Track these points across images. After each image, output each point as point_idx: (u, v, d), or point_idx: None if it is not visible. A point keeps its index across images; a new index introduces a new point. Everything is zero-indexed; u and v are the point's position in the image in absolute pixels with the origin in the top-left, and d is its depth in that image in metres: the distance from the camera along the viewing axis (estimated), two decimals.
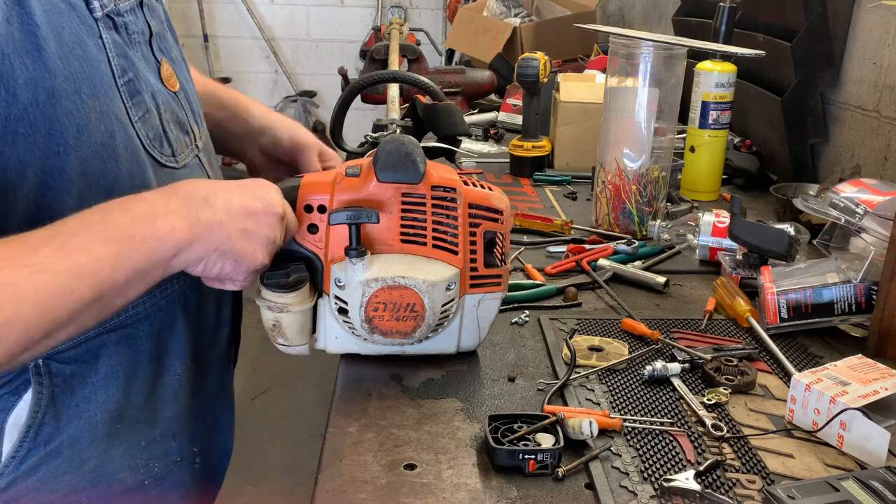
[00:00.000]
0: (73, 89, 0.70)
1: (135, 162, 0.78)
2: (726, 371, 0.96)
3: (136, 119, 0.79)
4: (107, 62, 0.75)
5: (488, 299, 0.96)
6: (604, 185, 1.48)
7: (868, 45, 1.56)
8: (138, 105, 0.79)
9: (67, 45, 0.70)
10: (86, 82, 0.72)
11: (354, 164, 0.91)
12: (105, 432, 0.82)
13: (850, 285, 1.06)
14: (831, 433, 0.83)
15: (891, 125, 1.49)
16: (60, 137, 0.70)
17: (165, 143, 0.84)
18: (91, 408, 0.80)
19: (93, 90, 0.72)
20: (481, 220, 0.92)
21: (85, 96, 0.71)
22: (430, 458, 0.81)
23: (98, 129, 0.73)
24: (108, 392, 0.81)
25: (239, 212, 0.75)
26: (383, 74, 1.73)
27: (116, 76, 0.76)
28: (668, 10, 2.73)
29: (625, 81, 1.47)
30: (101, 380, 0.80)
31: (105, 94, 0.74)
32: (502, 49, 2.80)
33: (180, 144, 0.88)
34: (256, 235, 0.76)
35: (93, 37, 0.74)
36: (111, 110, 0.75)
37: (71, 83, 0.70)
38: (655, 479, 0.77)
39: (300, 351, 0.93)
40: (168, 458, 0.90)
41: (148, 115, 0.81)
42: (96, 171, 0.74)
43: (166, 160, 0.84)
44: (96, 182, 0.74)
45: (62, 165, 0.70)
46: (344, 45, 5.69)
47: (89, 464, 0.82)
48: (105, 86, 0.74)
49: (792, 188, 1.60)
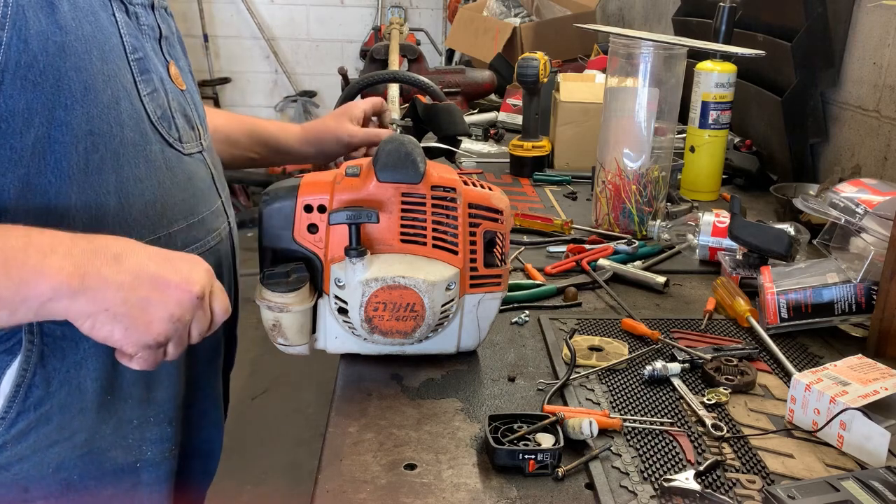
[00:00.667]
0: (83, 49, 0.74)
1: (139, 133, 0.81)
2: (726, 371, 0.96)
3: (145, 93, 0.82)
4: (118, 36, 0.80)
5: (488, 299, 0.96)
6: (604, 185, 1.48)
7: (868, 45, 1.56)
8: (147, 81, 0.83)
9: (81, 9, 0.75)
10: (96, 46, 0.76)
11: (354, 164, 0.91)
12: (95, 402, 0.82)
13: (850, 285, 1.06)
14: (831, 433, 0.83)
15: (891, 125, 1.49)
16: (68, 91, 0.73)
17: (173, 126, 0.87)
18: (81, 374, 0.80)
19: (102, 55, 0.76)
20: (481, 219, 0.92)
21: (94, 58, 0.75)
22: (430, 458, 0.81)
23: (105, 92, 0.76)
24: (98, 360, 0.81)
25: (147, 279, 0.70)
26: (383, 74, 1.73)
27: (127, 51, 0.81)
28: (668, 10, 2.73)
29: (625, 81, 1.47)
30: (93, 346, 0.80)
31: (114, 62, 0.78)
32: (502, 49, 2.80)
33: (186, 134, 0.90)
34: (158, 308, 0.71)
35: (106, 11, 0.79)
36: (118, 78, 0.78)
37: (82, 43, 0.74)
38: (655, 479, 0.77)
39: (300, 351, 0.93)
40: (163, 444, 0.89)
41: (156, 94, 0.84)
42: (102, 132, 0.76)
43: (173, 141, 0.87)
44: (103, 144, 0.76)
45: (69, 119, 0.73)
46: (344, 45, 5.69)
47: (79, 436, 0.82)
48: (115, 55, 0.78)
49: (792, 188, 1.60)
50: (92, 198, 0.77)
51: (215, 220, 0.95)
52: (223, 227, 0.98)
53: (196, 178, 0.91)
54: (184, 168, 0.89)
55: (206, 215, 0.93)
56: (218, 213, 0.96)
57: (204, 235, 0.92)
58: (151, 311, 0.70)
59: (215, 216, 0.95)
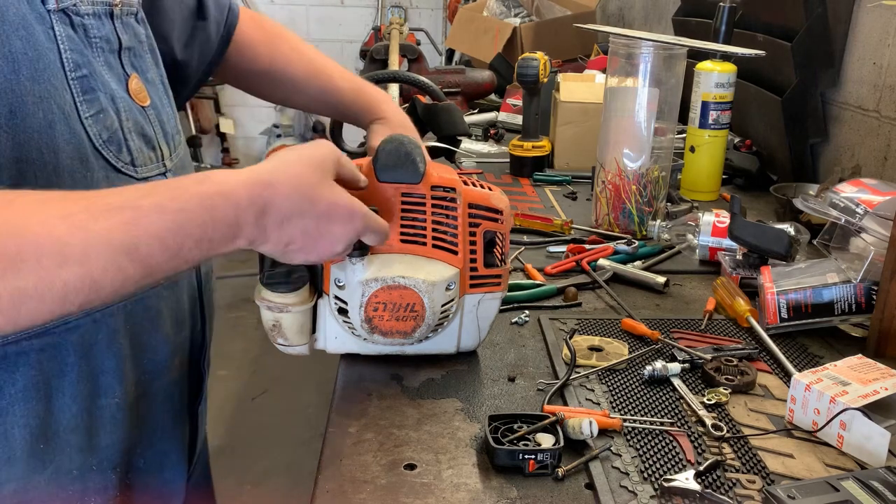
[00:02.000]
0: (10, 69, 0.68)
1: (78, 159, 0.74)
2: (726, 371, 0.96)
3: (87, 115, 0.75)
4: (57, 52, 0.73)
5: (488, 299, 0.96)
6: (604, 185, 1.48)
7: (868, 45, 1.56)
8: (91, 102, 0.76)
9: (11, 24, 0.68)
10: (26, 64, 0.69)
11: (354, 163, 0.91)
12: (25, 451, 0.75)
13: (850, 285, 1.06)
14: (831, 433, 0.83)
15: (891, 125, 1.49)
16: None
17: (125, 149, 0.80)
18: (8, 421, 0.73)
19: (33, 74, 0.70)
20: (481, 220, 0.92)
21: (23, 77, 0.69)
22: (430, 458, 0.81)
23: (35, 115, 0.70)
24: (27, 405, 0.74)
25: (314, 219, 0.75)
26: (383, 74, 1.73)
27: (67, 69, 0.74)
28: (668, 10, 2.73)
29: (625, 81, 1.47)
30: (20, 392, 0.73)
31: (48, 81, 0.71)
32: (502, 49, 2.80)
33: (142, 156, 0.83)
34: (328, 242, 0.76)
35: (43, 25, 0.72)
36: (53, 98, 0.72)
37: (9, 62, 0.68)
38: (655, 479, 0.77)
39: (300, 351, 0.93)
40: (107, 492, 0.82)
41: (103, 115, 0.77)
42: (31, 159, 0.70)
43: (123, 166, 0.80)
44: (32, 172, 0.70)
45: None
46: (344, 45, 5.69)
47: (7, 487, 0.75)
48: (49, 73, 0.71)
49: (792, 188, 1.60)
50: None
51: None
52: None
53: None
54: None
55: None
56: None
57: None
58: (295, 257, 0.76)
59: None
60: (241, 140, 6.01)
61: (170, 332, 0.88)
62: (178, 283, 0.90)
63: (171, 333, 0.89)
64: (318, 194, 0.74)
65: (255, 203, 0.69)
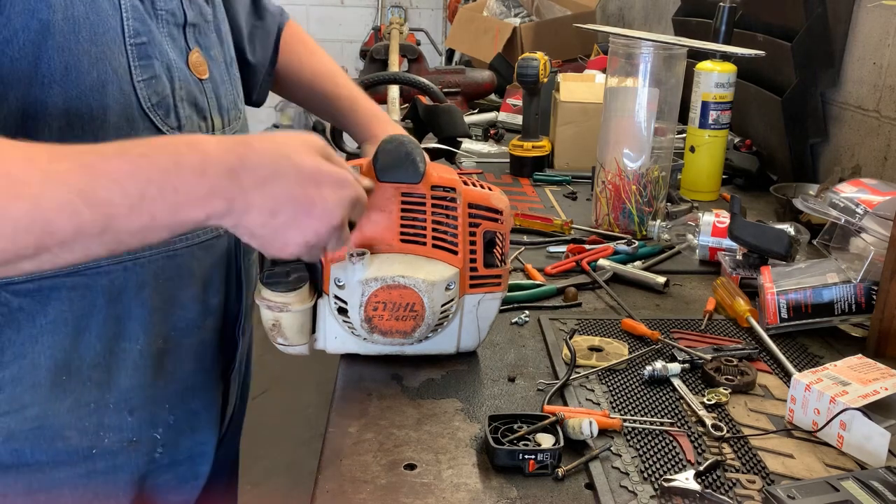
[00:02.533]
0: (70, 29, 0.71)
1: (125, 118, 0.77)
2: (726, 371, 0.96)
3: (140, 79, 0.79)
4: (119, 19, 0.76)
5: (488, 299, 0.96)
6: (604, 185, 1.48)
7: (868, 45, 1.56)
8: (145, 68, 0.79)
9: None
10: (86, 27, 0.73)
11: (354, 163, 0.91)
12: (49, 379, 0.80)
13: (850, 285, 1.06)
14: (831, 433, 0.83)
15: (891, 125, 1.49)
16: (47, 69, 0.71)
17: (173, 114, 0.83)
18: (36, 349, 0.78)
19: (92, 36, 0.73)
20: (481, 220, 0.92)
21: (82, 38, 0.72)
22: (430, 458, 0.81)
23: (89, 73, 0.73)
24: (55, 337, 0.79)
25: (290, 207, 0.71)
26: (384, 76, 1.73)
27: (127, 35, 0.77)
28: (668, 10, 2.73)
29: (625, 81, 1.47)
30: (50, 323, 0.78)
31: (106, 45, 0.75)
32: (502, 49, 2.80)
33: (191, 123, 0.86)
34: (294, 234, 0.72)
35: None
36: (108, 60, 0.75)
37: (70, 23, 0.71)
38: (655, 479, 0.77)
39: (300, 351, 0.93)
40: (121, 433, 0.86)
41: (155, 81, 0.81)
42: (80, 114, 0.73)
43: (168, 130, 0.82)
44: (80, 125, 0.73)
45: (44, 97, 0.71)
46: (344, 45, 5.69)
47: (31, 410, 0.80)
48: (108, 38, 0.75)
49: (792, 188, 1.60)
50: None
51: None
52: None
53: None
54: None
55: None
56: None
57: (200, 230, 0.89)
58: (288, 235, 0.71)
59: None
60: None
61: (200, 293, 0.91)
62: (214, 246, 0.92)
63: (201, 295, 0.91)
64: (301, 158, 0.71)
65: (226, 156, 0.67)
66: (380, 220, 0.88)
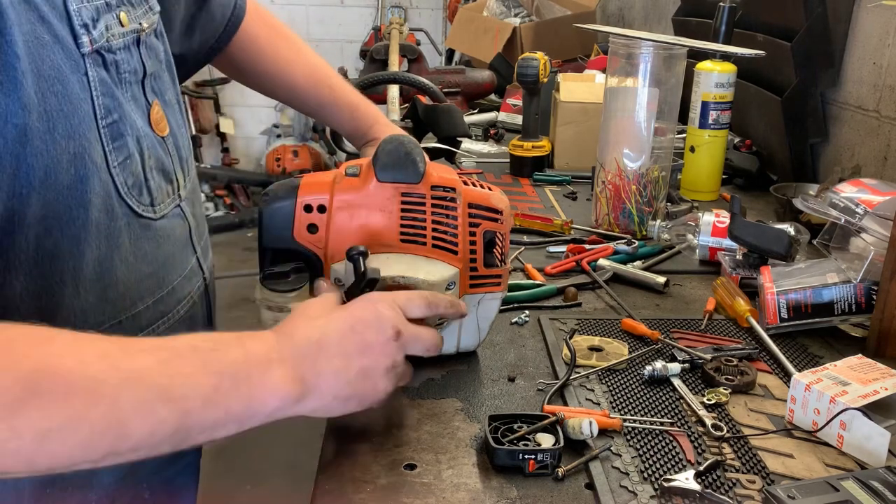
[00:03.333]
0: (46, 128, 0.64)
1: (105, 211, 0.72)
2: (726, 371, 0.96)
3: (115, 164, 0.73)
4: (90, 101, 0.69)
5: (488, 299, 0.96)
6: (604, 185, 1.48)
7: (868, 45, 1.56)
8: (119, 149, 0.73)
9: (47, 79, 0.64)
10: (61, 121, 0.66)
11: (354, 163, 0.91)
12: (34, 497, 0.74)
13: (850, 285, 1.06)
14: (831, 433, 0.83)
15: (891, 125, 1.49)
16: (25, 179, 0.63)
17: (145, 191, 0.78)
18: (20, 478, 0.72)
19: (68, 130, 0.67)
20: (481, 219, 0.92)
21: (58, 136, 0.65)
22: (430, 458, 0.81)
23: (68, 173, 0.67)
24: None
25: (355, 352, 0.70)
26: (383, 76, 1.73)
27: (99, 117, 0.71)
28: (668, 10, 2.73)
29: (625, 81, 1.47)
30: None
31: (83, 136, 0.68)
32: (502, 49, 2.80)
33: (161, 193, 0.81)
34: (375, 371, 0.71)
35: (77, 73, 0.68)
36: (87, 153, 0.69)
37: (45, 121, 0.64)
38: (655, 479, 0.77)
39: None
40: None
41: (129, 161, 0.75)
42: (59, 217, 0.67)
43: (143, 210, 0.78)
44: (58, 228, 0.67)
45: (23, 208, 0.64)
46: (344, 45, 5.69)
47: None
48: (84, 127, 0.68)
49: (792, 188, 1.60)
50: (42, 286, 0.67)
51: (187, 285, 0.88)
52: (197, 287, 0.90)
53: (168, 242, 0.83)
54: (154, 235, 0.80)
55: (178, 282, 0.85)
56: (191, 273, 0.89)
57: (174, 306, 0.85)
58: (372, 376, 0.71)
59: (188, 279, 0.88)
60: (241, 140, 6.01)
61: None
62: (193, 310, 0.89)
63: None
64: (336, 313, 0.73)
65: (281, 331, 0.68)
66: (380, 221, 0.88)
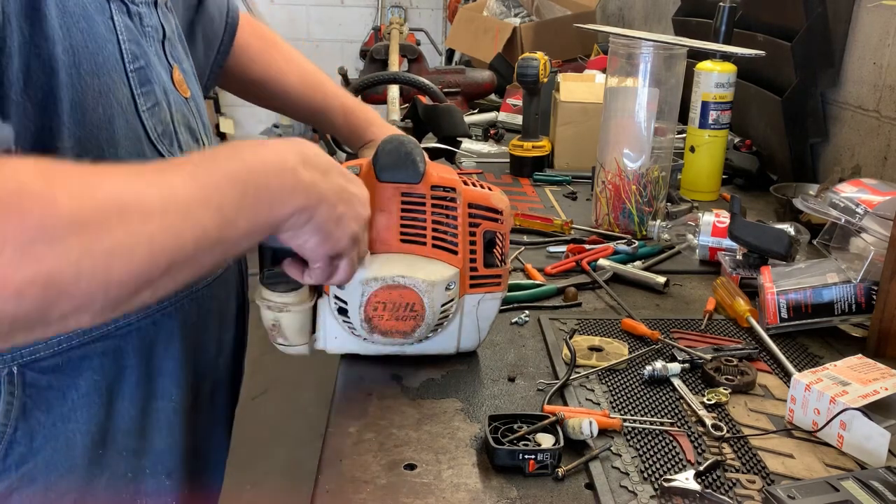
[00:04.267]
0: (71, 62, 0.65)
1: (136, 153, 0.72)
2: (726, 371, 0.96)
3: (144, 109, 0.74)
4: (116, 44, 0.70)
5: (488, 299, 0.96)
6: (604, 185, 1.48)
7: (868, 45, 1.56)
8: (148, 95, 0.74)
9: (71, 15, 0.65)
10: (87, 57, 0.66)
11: (354, 163, 0.91)
12: (86, 458, 0.74)
13: (850, 285, 1.06)
14: (831, 433, 0.83)
15: (891, 125, 1.49)
16: (54, 112, 0.64)
17: (175, 142, 0.79)
18: (70, 428, 0.72)
19: (93, 68, 0.67)
20: (481, 219, 0.92)
21: (84, 72, 0.66)
22: (430, 458, 0.81)
23: (95, 110, 0.67)
24: (89, 411, 0.73)
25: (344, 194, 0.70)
26: (383, 76, 1.73)
27: (126, 61, 0.71)
28: (668, 10, 2.73)
29: (625, 81, 1.46)
30: (83, 396, 0.73)
31: (107, 76, 0.69)
32: (502, 49, 2.80)
33: (190, 150, 0.81)
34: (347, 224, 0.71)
35: (102, 15, 0.69)
36: (112, 93, 0.69)
37: (70, 55, 0.65)
38: (655, 479, 0.77)
39: (300, 351, 0.93)
40: (160, 497, 0.82)
41: (157, 108, 0.75)
42: (91, 155, 0.67)
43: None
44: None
45: (55, 144, 0.64)
46: (344, 45, 5.69)
47: (68, 498, 0.74)
48: (109, 67, 0.69)
49: (792, 188, 1.60)
50: None
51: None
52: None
53: None
54: None
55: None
56: None
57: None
58: (343, 225, 0.70)
59: None
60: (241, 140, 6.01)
61: (217, 331, 0.89)
62: (227, 281, 0.90)
63: (217, 333, 0.90)
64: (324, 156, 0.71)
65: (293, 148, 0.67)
66: (380, 220, 0.88)
